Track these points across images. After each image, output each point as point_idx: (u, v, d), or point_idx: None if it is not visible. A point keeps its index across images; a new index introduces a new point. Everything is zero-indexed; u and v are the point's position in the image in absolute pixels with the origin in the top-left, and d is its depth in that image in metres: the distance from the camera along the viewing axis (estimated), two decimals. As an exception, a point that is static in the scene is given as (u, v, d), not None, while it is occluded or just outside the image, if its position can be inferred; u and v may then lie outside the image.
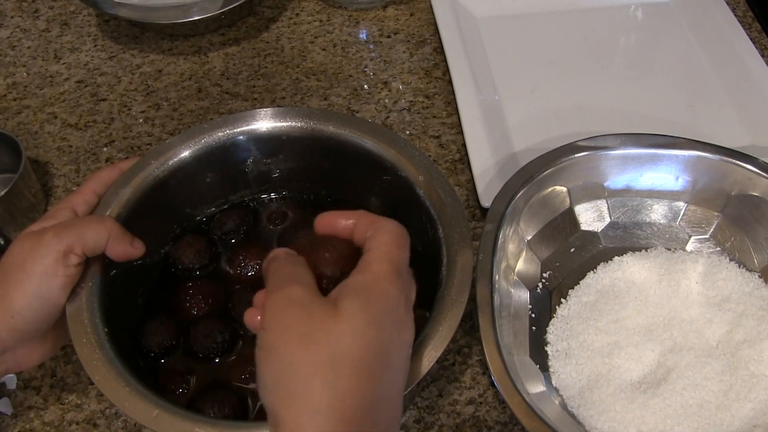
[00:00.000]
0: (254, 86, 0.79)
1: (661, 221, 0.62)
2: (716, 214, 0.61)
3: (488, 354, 0.49)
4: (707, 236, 0.61)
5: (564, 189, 0.60)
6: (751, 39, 0.78)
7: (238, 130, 0.56)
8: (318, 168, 0.58)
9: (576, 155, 0.59)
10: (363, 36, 0.84)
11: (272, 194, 0.61)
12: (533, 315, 0.57)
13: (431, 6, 0.82)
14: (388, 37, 0.84)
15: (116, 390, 0.43)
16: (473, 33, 0.81)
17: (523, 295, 0.58)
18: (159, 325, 0.53)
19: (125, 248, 0.47)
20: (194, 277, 0.56)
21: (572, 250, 0.61)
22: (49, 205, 0.70)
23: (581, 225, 0.62)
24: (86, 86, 0.80)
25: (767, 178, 0.58)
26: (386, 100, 0.77)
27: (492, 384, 0.56)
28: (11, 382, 0.57)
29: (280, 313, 0.36)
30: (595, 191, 0.62)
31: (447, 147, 0.72)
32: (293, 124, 0.56)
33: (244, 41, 0.84)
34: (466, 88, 0.74)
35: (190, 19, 0.79)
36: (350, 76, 0.80)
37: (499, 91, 0.76)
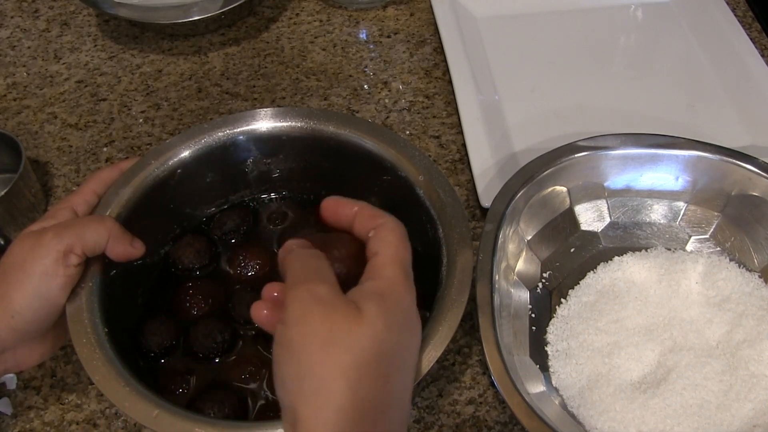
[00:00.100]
0: (254, 86, 0.79)
1: (661, 221, 0.62)
2: (716, 214, 0.61)
3: (488, 354, 0.49)
4: (707, 236, 0.61)
5: (564, 189, 0.60)
6: (751, 39, 0.78)
7: (238, 130, 0.56)
8: (318, 168, 0.58)
9: (576, 155, 0.59)
10: (363, 36, 0.84)
11: (272, 194, 0.61)
12: (533, 315, 0.57)
13: (431, 6, 0.82)
14: (388, 37, 0.84)
15: (116, 390, 0.43)
16: (473, 33, 0.81)
17: (523, 295, 0.58)
18: (159, 325, 0.53)
19: (125, 248, 0.47)
20: (194, 277, 0.56)
21: (572, 250, 0.61)
22: (49, 205, 0.70)
23: (581, 225, 0.62)
24: (86, 86, 0.80)
25: (767, 178, 0.58)
26: (386, 100, 0.77)
27: (492, 384, 0.56)
28: (11, 382, 0.57)
29: (303, 310, 0.36)
30: (595, 191, 0.62)
31: (447, 147, 0.73)
32: (293, 124, 0.56)
33: (244, 41, 0.84)
34: (466, 88, 0.74)
35: (190, 19, 0.79)
36: (350, 76, 0.80)
37: (499, 91, 0.76)
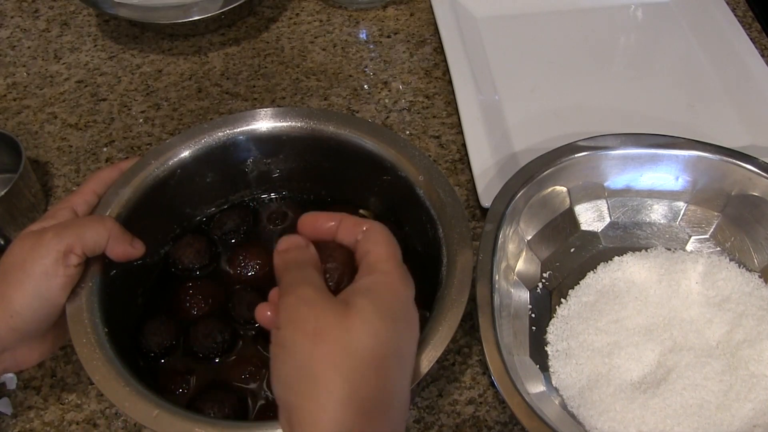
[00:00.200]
0: (254, 86, 0.79)
1: (661, 221, 0.62)
2: (716, 214, 0.61)
3: (488, 354, 0.49)
4: (707, 236, 0.61)
5: (564, 189, 0.60)
6: (751, 39, 0.78)
7: (238, 130, 0.56)
8: (318, 168, 0.58)
9: (576, 155, 0.59)
10: (363, 36, 0.84)
11: (272, 194, 0.61)
12: (533, 315, 0.57)
13: (431, 6, 0.82)
14: (388, 37, 0.84)
15: (116, 390, 0.43)
16: (473, 33, 0.81)
17: (523, 295, 0.58)
18: (159, 325, 0.53)
19: (125, 248, 0.47)
20: (194, 277, 0.56)
21: (572, 250, 0.61)
22: (49, 205, 0.70)
23: (581, 225, 0.62)
24: (86, 86, 0.80)
25: (767, 178, 0.58)
26: (386, 100, 0.77)
27: (492, 384, 0.56)
28: (11, 382, 0.57)
29: (292, 313, 0.37)
30: (595, 191, 0.62)
31: (447, 147, 0.73)
32: (293, 124, 0.56)
33: (244, 41, 0.84)
34: (466, 88, 0.74)
35: (190, 19, 0.79)
36: (350, 76, 0.80)
37: (499, 91, 0.76)
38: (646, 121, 0.72)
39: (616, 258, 0.60)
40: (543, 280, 0.59)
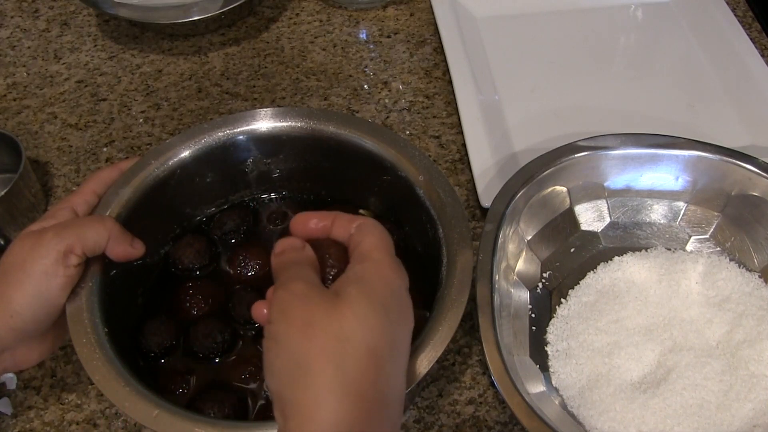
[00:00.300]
0: (254, 86, 0.79)
1: (661, 221, 0.62)
2: (716, 214, 0.61)
3: (488, 354, 0.49)
4: (707, 236, 0.61)
5: (564, 189, 0.60)
6: (751, 39, 0.78)
7: (238, 130, 0.56)
8: (318, 168, 0.58)
9: (576, 155, 0.59)
10: (363, 36, 0.84)
11: (272, 194, 0.61)
12: (533, 315, 0.57)
13: (431, 6, 0.82)
14: (388, 37, 0.84)
15: (116, 390, 0.43)
16: (473, 33, 0.81)
17: (523, 295, 0.58)
18: (159, 325, 0.53)
19: (125, 248, 0.47)
20: (194, 277, 0.56)
21: (572, 250, 0.61)
22: (49, 205, 0.70)
23: (581, 225, 0.62)
24: (86, 86, 0.80)
25: (767, 178, 0.58)
26: (386, 100, 0.77)
27: (492, 384, 0.56)
28: (11, 382, 0.57)
29: (283, 306, 0.37)
30: (595, 191, 0.62)
31: (447, 147, 0.73)
32: (293, 124, 0.56)
33: (244, 41, 0.84)
34: (466, 88, 0.74)
35: (190, 19, 0.79)
36: (350, 76, 0.80)
37: (499, 91, 0.76)
38: (646, 121, 0.72)
39: (616, 258, 0.60)
40: (543, 280, 0.59)
